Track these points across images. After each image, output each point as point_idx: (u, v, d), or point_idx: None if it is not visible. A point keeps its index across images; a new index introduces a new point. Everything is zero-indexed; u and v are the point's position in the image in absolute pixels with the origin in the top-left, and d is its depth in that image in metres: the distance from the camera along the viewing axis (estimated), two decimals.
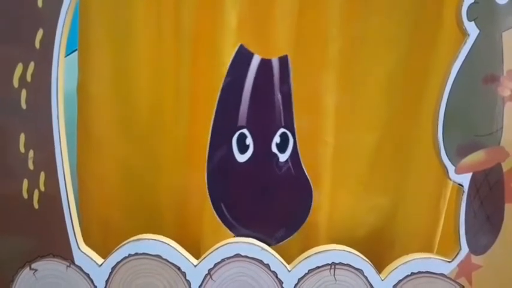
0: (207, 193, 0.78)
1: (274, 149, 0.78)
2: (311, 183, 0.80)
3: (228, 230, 0.80)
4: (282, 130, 0.78)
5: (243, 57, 0.77)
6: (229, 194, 0.79)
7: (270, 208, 0.80)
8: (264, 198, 0.79)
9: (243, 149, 0.77)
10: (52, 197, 0.74)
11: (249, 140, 0.77)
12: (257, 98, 0.77)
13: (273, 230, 0.80)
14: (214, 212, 0.78)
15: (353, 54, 0.88)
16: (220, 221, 0.79)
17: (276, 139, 0.78)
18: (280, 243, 0.80)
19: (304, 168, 0.79)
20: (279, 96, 0.78)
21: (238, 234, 0.79)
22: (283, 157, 0.78)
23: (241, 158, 0.78)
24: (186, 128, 0.90)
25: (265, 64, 0.77)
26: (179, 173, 0.92)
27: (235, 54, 0.77)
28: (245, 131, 0.77)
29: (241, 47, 0.77)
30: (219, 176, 0.78)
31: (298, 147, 0.79)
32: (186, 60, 0.87)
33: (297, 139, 0.78)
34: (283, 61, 0.78)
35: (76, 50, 0.89)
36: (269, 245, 0.78)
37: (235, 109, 0.77)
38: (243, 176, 0.79)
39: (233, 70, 0.77)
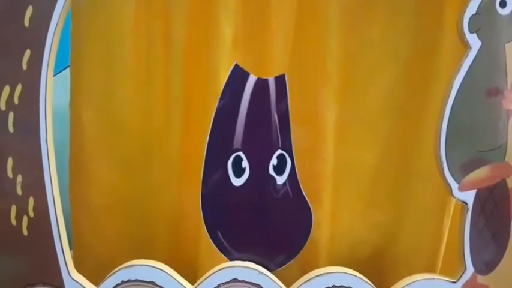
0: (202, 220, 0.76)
1: (271, 171, 0.76)
2: (310, 206, 0.77)
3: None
4: (279, 152, 0.76)
5: (238, 77, 0.75)
6: (226, 220, 0.77)
7: (268, 233, 0.78)
8: (261, 223, 0.77)
9: (239, 172, 0.75)
10: (41, 223, 0.72)
11: (245, 163, 0.75)
12: (253, 119, 0.75)
13: (272, 255, 0.78)
14: (211, 240, 0.76)
15: (352, 69, 0.86)
16: (217, 249, 0.76)
17: (273, 161, 0.76)
18: (280, 268, 0.78)
19: (302, 191, 0.77)
20: (275, 116, 0.75)
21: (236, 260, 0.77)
22: (280, 179, 0.76)
23: (237, 181, 0.75)
24: (178, 149, 0.88)
25: (261, 84, 0.75)
26: (172, 196, 0.90)
27: (229, 75, 0.74)
28: (241, 153, 0.75)
29: (236, 67, 0.74)
30: (215, 201, 0.76)
31: (296, 169, 0.77)
32: (178, 79, 0.85)
33: (294, 161, 0.76)
34: (280, 80, 0.76)
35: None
36: (269, 270, 0.76)
37: (230, 131, 0.75)
38: (239, 201, 0.76)
39: (228, 91, 0.75)
